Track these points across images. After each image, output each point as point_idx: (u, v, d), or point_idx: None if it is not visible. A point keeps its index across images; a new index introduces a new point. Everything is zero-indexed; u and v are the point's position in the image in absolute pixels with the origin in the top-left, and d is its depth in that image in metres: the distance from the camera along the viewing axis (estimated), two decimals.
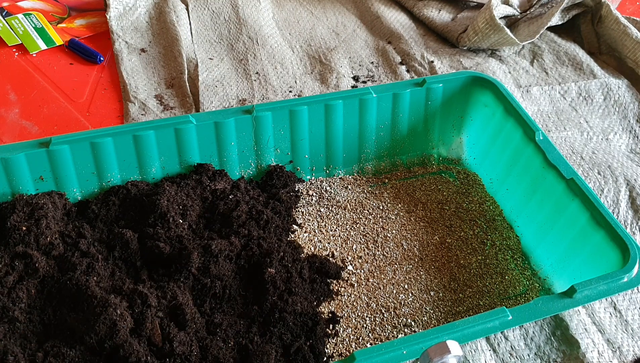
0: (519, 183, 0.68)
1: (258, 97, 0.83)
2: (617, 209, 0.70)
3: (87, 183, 0.64)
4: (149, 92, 0.83)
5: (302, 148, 0.70)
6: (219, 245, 0.58)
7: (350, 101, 0.68)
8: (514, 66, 0.92)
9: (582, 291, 0.51)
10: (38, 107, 0.80)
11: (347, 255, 0.64)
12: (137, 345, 0.50)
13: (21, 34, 0.90)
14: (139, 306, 0.52)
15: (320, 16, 1.00)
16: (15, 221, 0.56)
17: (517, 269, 0.65)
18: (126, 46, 0.89)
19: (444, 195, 0.72)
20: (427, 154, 0.76)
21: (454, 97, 0.73)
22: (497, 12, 0.90)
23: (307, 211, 0.69)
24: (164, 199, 0.60)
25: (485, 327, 0.49)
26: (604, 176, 0.73)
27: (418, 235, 0.67)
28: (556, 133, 0.81)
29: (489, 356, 0.57)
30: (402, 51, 0.93)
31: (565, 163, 0.62)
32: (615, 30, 0.91)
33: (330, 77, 0.87)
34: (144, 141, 0.63)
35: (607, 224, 0.57)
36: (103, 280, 0.55)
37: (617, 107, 0.86)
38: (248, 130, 0.66)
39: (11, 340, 0.50)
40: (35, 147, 0.60)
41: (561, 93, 0.87)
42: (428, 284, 0.62)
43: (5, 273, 0.53)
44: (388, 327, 0.58)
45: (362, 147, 0.73)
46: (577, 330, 0.59)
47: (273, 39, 0.94)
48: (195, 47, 0.90)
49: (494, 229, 0.68)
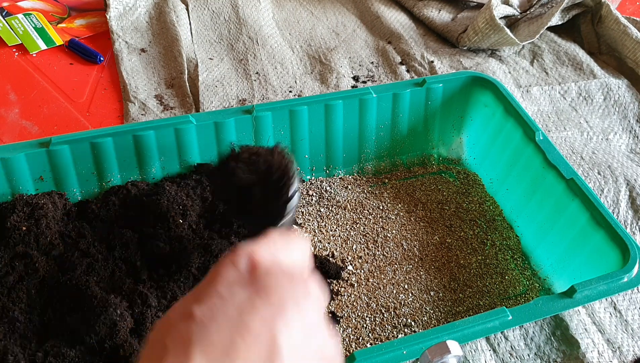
0: (519, 183, 0.68)
1: (258, 97, 0.83)
2: (617, 209, 0.70)
3: (87, 183, 0.64)
4: (149, 92, 0.83)
5: (302, 148, 0.70)
6: (219, 245, 0.58)
7: (350, 101, 0.68)
8: (514, 66, 0.92)
9: (582, 291, 0.51)
10: (38, 107, 0.80)
11: (347, 255, 0.64)
12: (137, 345, 0.50)
13: (21, 34, 0.90)
14: (139, 306, 0.52)
15: (320, 16, 1.00)
16: (15, 221, 0.56)
17: (517, 269, 0.65)
18: (126, 46, 0.89)
19: (444, 195, 0.72)
20: (427, 154, 0.76)
21: (454, 97, 0.73)
22: (497, 12, 0.90)
23: (307, 211, 0.69)
24: (164, 199, 0.60)
25: (485, 327, 0.49)
26: (604, 176, 0.73)
27: (418, 235, 0.67)
28: (556, 133, 0.81)
29: (489, 356, 0.57)
30: (402, 51, 0.93)
31: (565, 163, 0.62)
32: (615, 30, 0.91)
33: (330, 77, 0.87)
34: (144, 141, 0.63)
35: (607, 224, 0.57)
36: (103, 280, 0.55)
37: (617, 107, 0.86)
38: (248, 130, 0.66)
39: (11, 340, 0.50)
40: (35, 147, 0.60)
41: (561, 93, 0.87)
42: (428, 284, 0.62)
43: (5, 273, 0.53)
44: (388, 327, 0.58)
45: (362, 147, 0.73)
46: (577, 330, 0.59)
47: (273, 39, 0.94)
48: (195, 47, 0.90)
49: (494, 229, 0.68)
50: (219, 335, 0.30)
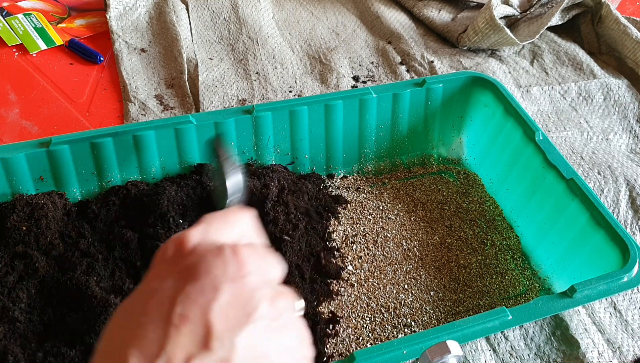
0: (519, 183, 0.68)
1: (258, 97, 0.83)
2: (617, 209, 0.70)
3: (87, 183, 0.64)
4: (149, 92, 0.83)
5: (302, 148, 0.70)
6: None
7: (350, 101, 0.68)
8: (514, 66, 0.92)
9: (582, 291, 0.51)
10: (38, 107, 0.80)
11: (347, 255, 0.64)
12: None
13: (21, 34, 0.90)
14: None
15: (320, 16, 1.00)
16: (15, 221, 0.56)
17: (517, 269, 0.65)
18: (126, 46, 0.89)
19: (444, 195, 0.72)
20: (427, 154, 0.76)
21: (454, 97, 0.73)
22: (497, 12, 0.90)
23: None
24: (164, 199, 0.60)
25: (485, 327, 0.49)
26: (604, 176, 0.73)
27: (418, 235, 0.67)
28: (556, 133, 0.81)
29: (489, 356, 0.57)
30: (402, 51, 0.93)
31: (565, 163, 0.62)
32: (615, 30, 0.91)
33: (330, 77, 0.87)
34: (144, 141, 0.63)
35: (607, 224, 0.57)
36: (103, 280, 0.55)
37: (617, 107, 0.86)
38: (248, 130, 0.66)
39: (11, 340, 0.50)
40: (35, 147, 0.60)
41: (561, 93, 0.87)
42: (428, 284, 0.62)
43: (5, 273, 0.53)
44: (388, 327, 0.58)
45: (362, 147, 0.73)
46: (577, 330, 0.59)
47: (273, 39, 0.94)
48: (195, 47, 0.90)
49: (494, 229, 0.68)
50: (154, 330, 0.29)
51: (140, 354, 0.28)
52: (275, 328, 0.31)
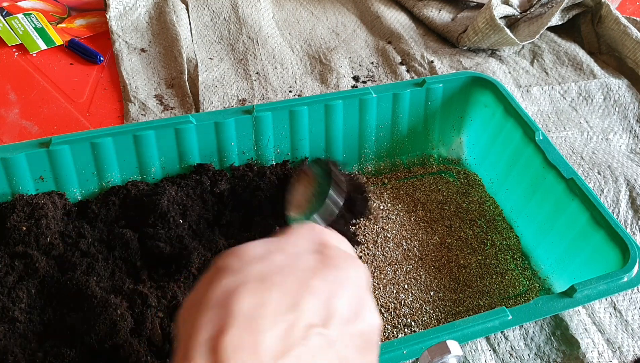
0: (519, 183, 0.68)
1: (258, 97, 0.83)
2: (617, 209, 0.70)
3: (87, 183, 0.64)
4: (149, 92, 0.83)
5: (302, 148, 0.70)
6: (219, 245, 0.58)
7: (350, 101, 0.68)
8: (514, 66, 0.92)
9: (582, 291, 0.51)
10: (38, 107, 0.80)
11: None
12: (137, 345, 0.50)
13: (21, 34, 0.90)
14: (139, 306, 0.52)
15: (320, 16, 1.00)
16: (15, 221, 0.56)
17: (517, 269, 0.65)
18: (126, 46, 0.89)
19: (444, 195, 0.72)
20: (427, 154, 0.76)
21: (454, 97, 0.73)
22: (497, 12, 0.90)
23: None
24: (164, 199, 0.60)
25: (485, 327, 0.49)
26: (604, 176, 0.73)
27: (418, 235, 0.67)
28: (556, 133, 0.81)
29: (489, 356, 0.57)
30: (402, 51, 0.93)
31: (565, 163, 0.62)
32: (615, 30, 0.91)
33: (330, 77, 0.87)
34: (144, 141, 0.63)
35: (607, 224, 0.57)
36: (103, 280, 0.55)
37: (617, 107, 0.86)
38: (248, 130, 0.66)
39: (11, 340, 0.50)
40: (35, 147, 0.60)
41: (561, 93, 0.87)
42: (428, 284, 0.62)
43: (5, 273, 0.53)
44: (388, 327, 0.58)
45: (362, 147, 0.73)
46: (577, 330, 0.59)
47: (273, 39, 0.94)
48: (195, 47, 0.90)
49: (494, 229, 0.68)
50: (292, 283, 0.33)
51: (276, 304, 0.32)
52: (360, 343, 0.35)
